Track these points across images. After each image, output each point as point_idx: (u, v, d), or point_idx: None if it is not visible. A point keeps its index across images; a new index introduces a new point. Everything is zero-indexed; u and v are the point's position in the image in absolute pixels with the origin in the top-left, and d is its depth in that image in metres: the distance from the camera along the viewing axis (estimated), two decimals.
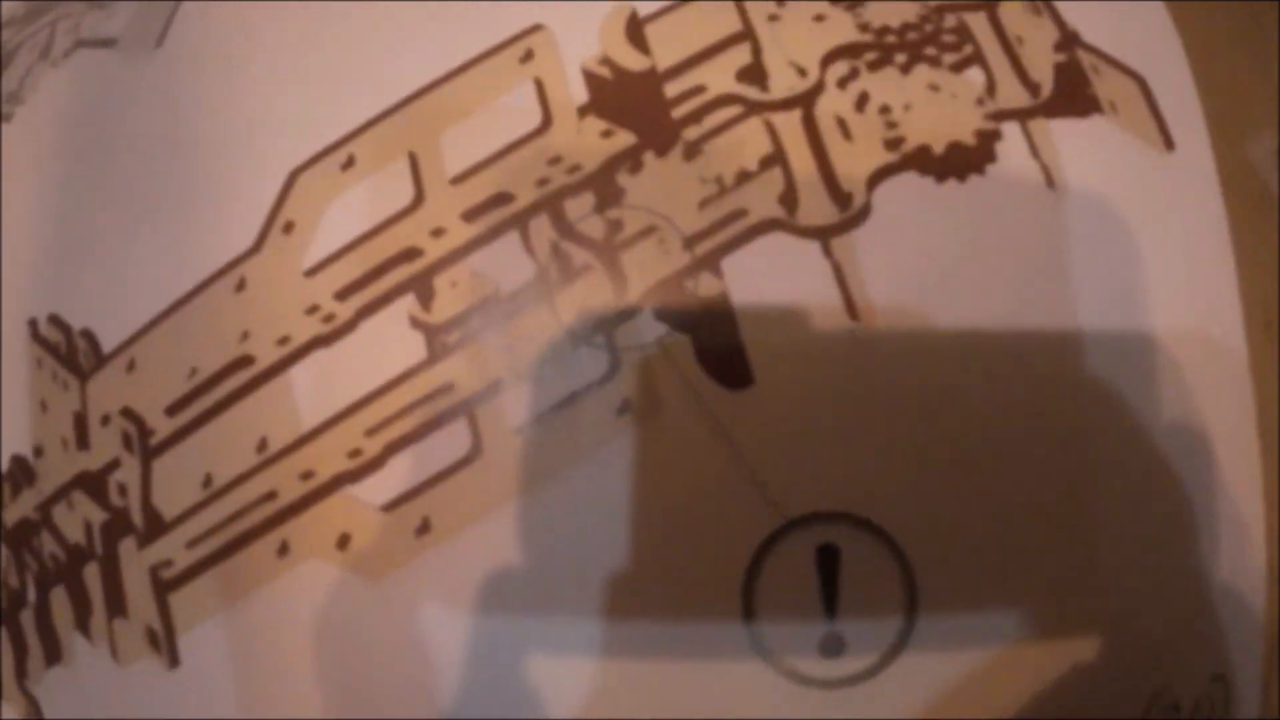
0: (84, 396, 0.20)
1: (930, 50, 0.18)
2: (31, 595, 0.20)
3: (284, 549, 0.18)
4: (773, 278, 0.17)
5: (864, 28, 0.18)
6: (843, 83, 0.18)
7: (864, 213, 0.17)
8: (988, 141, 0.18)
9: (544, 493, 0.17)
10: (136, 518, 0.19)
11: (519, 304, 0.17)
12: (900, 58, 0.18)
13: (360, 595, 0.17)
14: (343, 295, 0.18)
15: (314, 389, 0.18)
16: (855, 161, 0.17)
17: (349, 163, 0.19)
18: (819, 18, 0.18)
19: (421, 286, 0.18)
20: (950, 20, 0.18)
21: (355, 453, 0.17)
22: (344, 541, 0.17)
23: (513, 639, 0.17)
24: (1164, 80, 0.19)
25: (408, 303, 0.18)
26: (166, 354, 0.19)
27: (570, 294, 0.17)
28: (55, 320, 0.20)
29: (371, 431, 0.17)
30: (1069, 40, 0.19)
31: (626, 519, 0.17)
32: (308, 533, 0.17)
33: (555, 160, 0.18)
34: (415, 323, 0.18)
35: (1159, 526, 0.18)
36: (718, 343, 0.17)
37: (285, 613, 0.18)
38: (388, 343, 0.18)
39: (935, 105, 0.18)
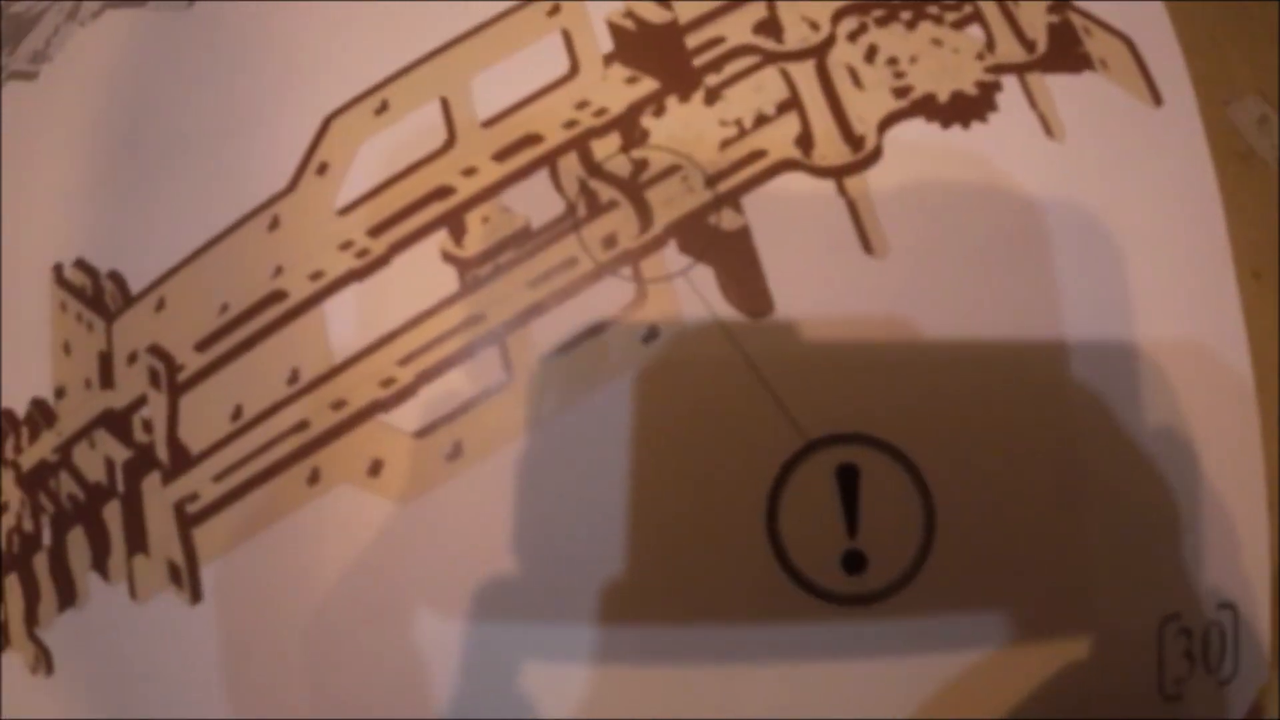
0: (110, 336, 0.21)
1: (933, 9, 0.20)
2: (47, 538, 0.21)
3: (314, 476, 0.19)
4: (791, 213, 0.19)
5: None
6: (852, 36, 0.20)
7: (876, 154, 0.19)
8: (988, 92, 0.20)
9: (572, 415, 0.18)
10: (161, 453, 0.20)
11: (548, 238, 0.19)
12: (905, 15, 0.20)
13: (390, 517, 0.18)
14: (376, 231, 0.20)
15: (347, 321, 0.19)
16: (866, 107, 0.19)
17: (382, 107, 0.20)
18: None
19: (453, 222, 0.19)
20: None
21: (388, 381, 0.19)
22: (376, 468, 0.19)
23: (543, 552, 0.18)
24: (1151, 42, 0.21)
25: (440, 238, 0.19)
26: (197, 291, 0.20)
27: (598, 228, 0.19)
28: (81, 264, 0.22)
29: (404, 360, 0.19)
30: (1061, 2, 0.21)
31: (652, 440, 0.18)
32: (339, 460, 0.19)
33: (582, 104, 0.20)
34: (447, 256, 0.19)
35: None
36: (739, 273, 0.18)
37: (312, 538, 0.19)
38: (421, 276, 0.19)
39: (939, 58, 0.20)
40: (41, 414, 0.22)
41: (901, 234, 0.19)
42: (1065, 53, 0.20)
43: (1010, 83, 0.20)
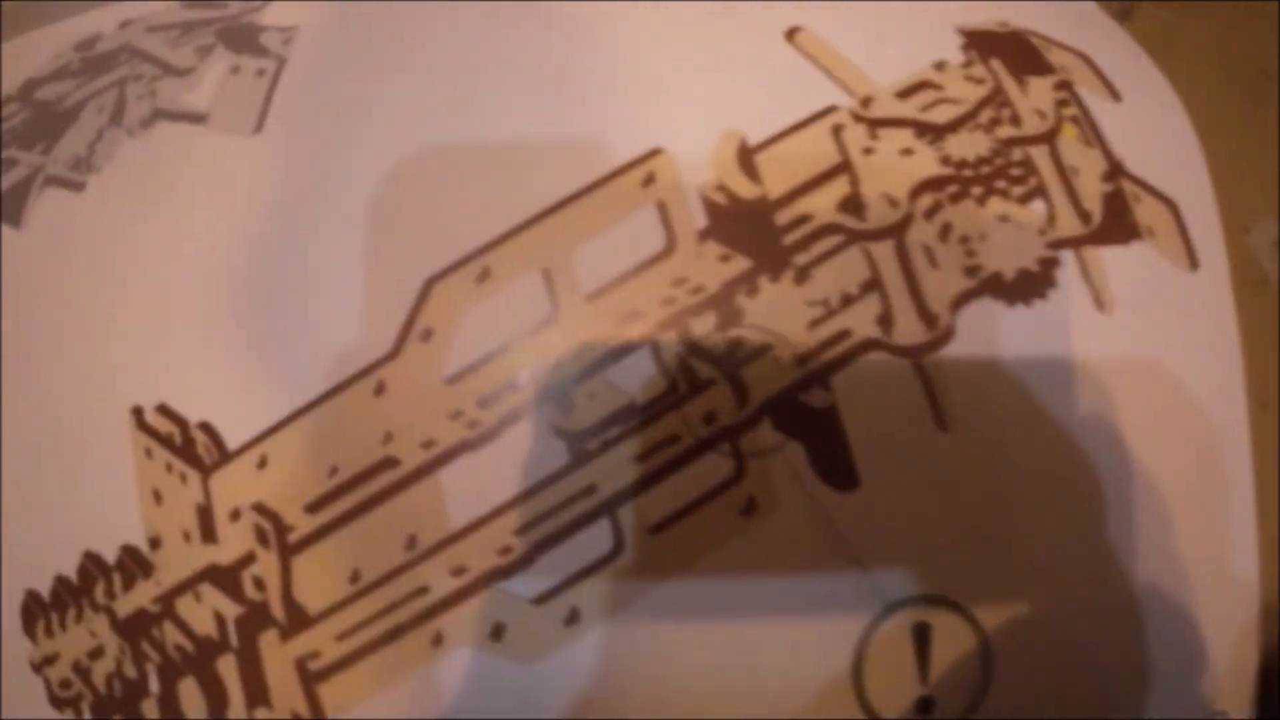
0: (207, 490, 0.23)
1: (1001, 184, 0.23)
2: (154, 686, 0.23)
3: (438, 639, 0.22)
4: (873, 391, 0.22)
5: (945, 160, 0.23)
6: (929, 214, 0.23)
7: (948, 333, 0.22)
8: (1049, 268, 0.23)
9: (678, 584, 0.21)
10: (277, 611, 0.22)
11: (652, 414, 0.22)
12: (976, 190, 0.23)
13: (512, 676, 0.21)
14: (485, 403, 0.22)
15: (463, 489, 0.22)
16: (941, 287, 0.22)
17: (484, 275, 0.22)
18: (907, 151, 0.23)
19: (562, 397, 0.22)
20: (1017, 154, 0.23)
21: (506, 550, 0.21)
22: (498, 632, 0.21)
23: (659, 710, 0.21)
24: (1192, 203, 0.24)
25: (550, 411, 0.22)
26: (302, 452, 0.22)
27: (698, 405, 0.22)
28: (165, 410, 0.23)
29: (521, 530, 0.22)
30: (1115, 170, 0.24)
31: (750, 604, 0.21)
32: (461, 624, 0.21)
33: (680, 282, 0.22)
34: (557, 430, 0.22)
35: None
36: (828, 449, 0.22)
37: (437, 694, 0.21)
38: (532, 448, 0.22)
39: (1006, 235, 0.23)
40: (135, 562, 0.24)
41: (970, 408, 0.22)
42: (1117, 223, 0.24)
43: (1068, 257, 0.23)
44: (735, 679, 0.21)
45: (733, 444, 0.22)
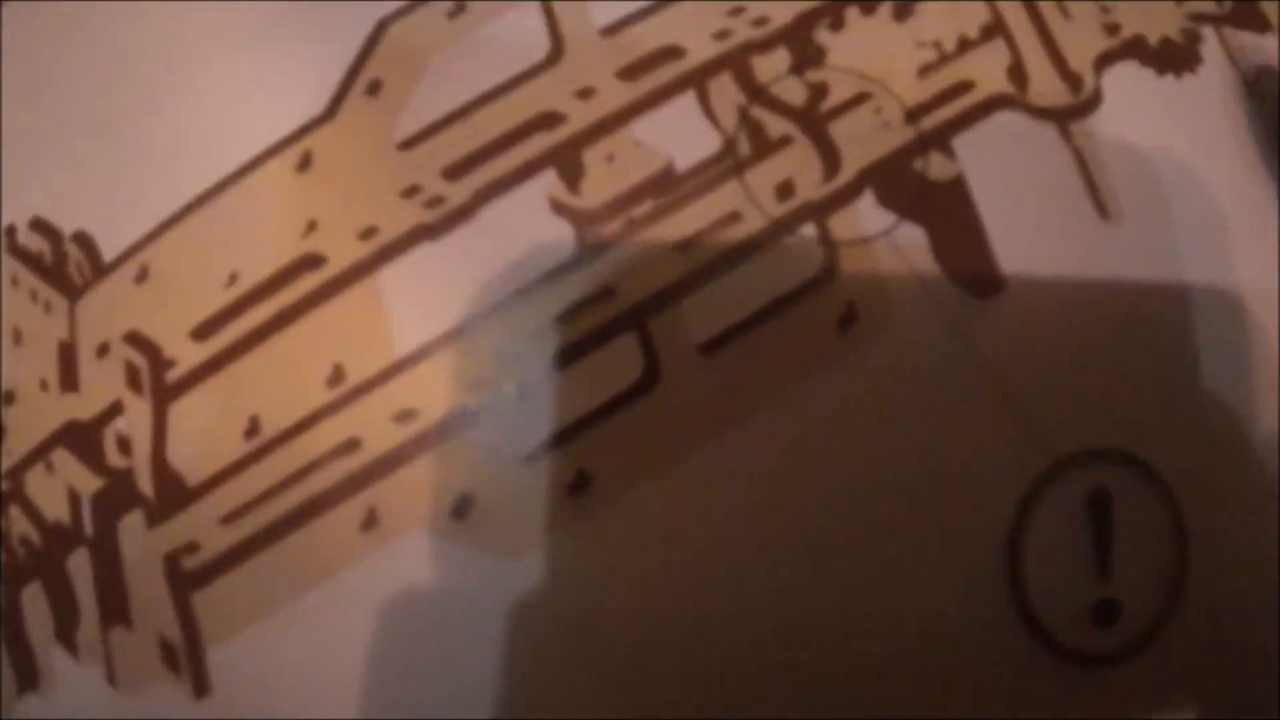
0: (73, 320, 0.11)
1: None
2: None
3: (371, 519, 0.09)
4: (1011, 163, 0.10)
5: None
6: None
7: (1096, 98, 0.11)
8: (1193, 42, 0.12)
9: (747, 430, 0.09)
10: (144, 483, 0.10)
11: (701, 183, 0.10)
12: None
13: (483, 578, 0.09)
14: (454, 173, 0.10)
15: (414, 297, 0.10)
16: (1080, 41, 0.11)
17: (458, 9, 0.11)
18: None
19: (567, 161, 0.10)
20: None
21: (478, 384, 0.09)
22: (463, 506, 0.09)
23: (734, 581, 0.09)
24: None
25: (547, 181, 0.10)
26: (194, 257, 0.10)
27: (768, 171, 0.10)
28: (39, 224, 0.11)
29: (502, 354, 0.09)
30: None
31: (855, 459, 0.09)
32: (407, 495, 0.09)
33: (736, 10, 0.10)
34: (559, 207, 0.10)
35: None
36: (958, 236, 0.10)
37: (370, 608, 0.09)
38: (520, 233, 0.10)
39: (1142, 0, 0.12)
40: None
41: (1133, 195, 0.11)
42: (1250, 10, 0.12)
43: (1209, 34, 0.12)
44: (825, 581, 0.09)
45: (820, 226, 0.10)
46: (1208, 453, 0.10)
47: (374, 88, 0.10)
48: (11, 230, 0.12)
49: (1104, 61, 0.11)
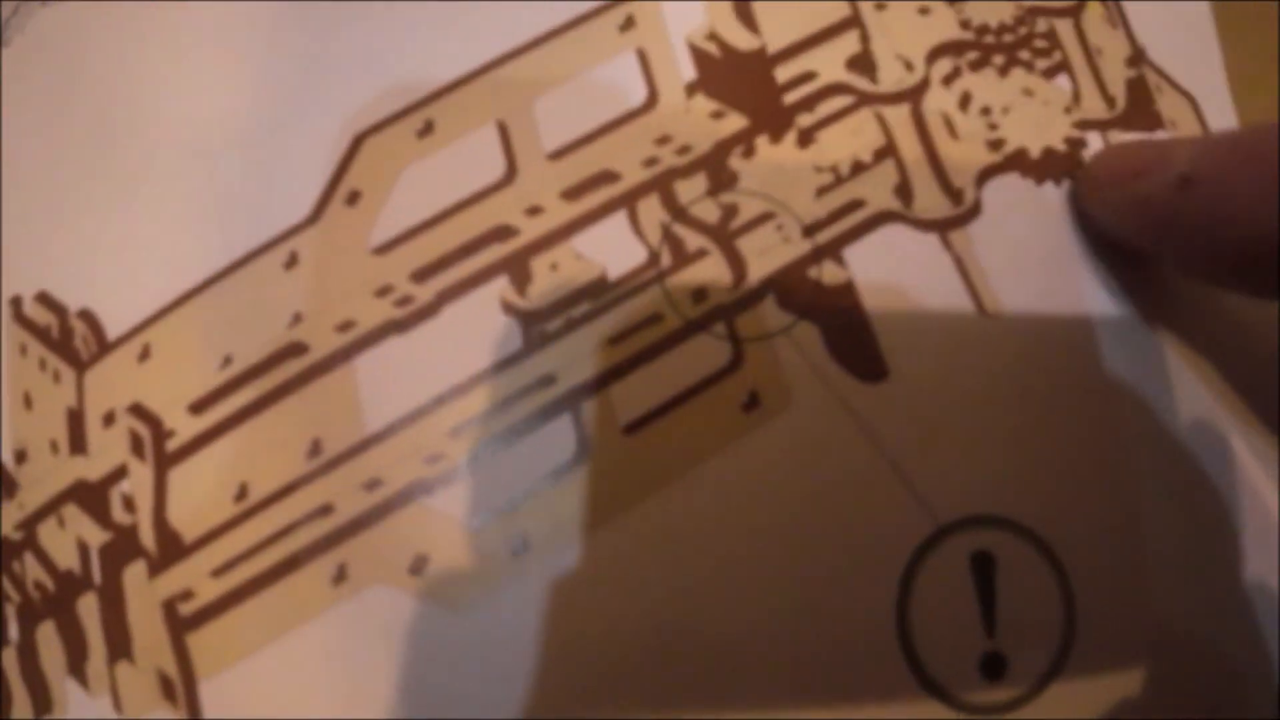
0: (81, 390, 0.12)
1: (1025, 54, 0.14)
2: (14, 633, 0.12)
3: (341, 574, 0.11)
4: (896, 269, 0.12)
5: (965, 25, 0.13)
6: (947, 80, 0.13)
7: (975, 209, 0.13)
8: (1075, 149, 0.13)
9: (667, 496, 0.11)
10: (147, 538, 0.11)
11: (629, 289, 0.11)
12: (998, 59, 0.14)
13: (439, 627, 0.11)
14: (421, 276, 0.12)
15: (384, 382, 0.11)
16: (963, 159, 0.13)
17: (427, 129, 0.12)
18: (923, 11, 0.13)
19: (516, 268, 0.11)
20: (1041, 25, 0.14)
21: (435, 458, 0.11)
22: (419, 565, 0.11)
23: (647, 650, 0.10)
24: (1211, 99, 0.15)
25: (500, 286, 0.11)
26: (192, 340, 0.12)
27: (686, 279, 0.12)
28: (45, 299, 0.13)
29: (456, 432, 0.11)
30: (1138, 56, 0.15)
31: (760, 523, 0.11)
32: (373, 554, 0.11)
33: (664, 140, 0.12)
34: (509, 308, 0.11)
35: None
36: (848, 332, 0.12)
37: (339, 650, 0.11)
38: (477, 330, 0.11)
39: (1031, 110, 0.13)
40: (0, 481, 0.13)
41: (1010, 291, 0.12)
42: (1142, 111, 0.14)
43: (1094, 139, 0.14)
44: (735, 629, 0.11)
45: (729, 325, 0.11)
46: (1089, 515, 0.12)
47: (353, 198, 0.12)
48: (17, 300, 0.13)
49: (986, 175, 0.13)
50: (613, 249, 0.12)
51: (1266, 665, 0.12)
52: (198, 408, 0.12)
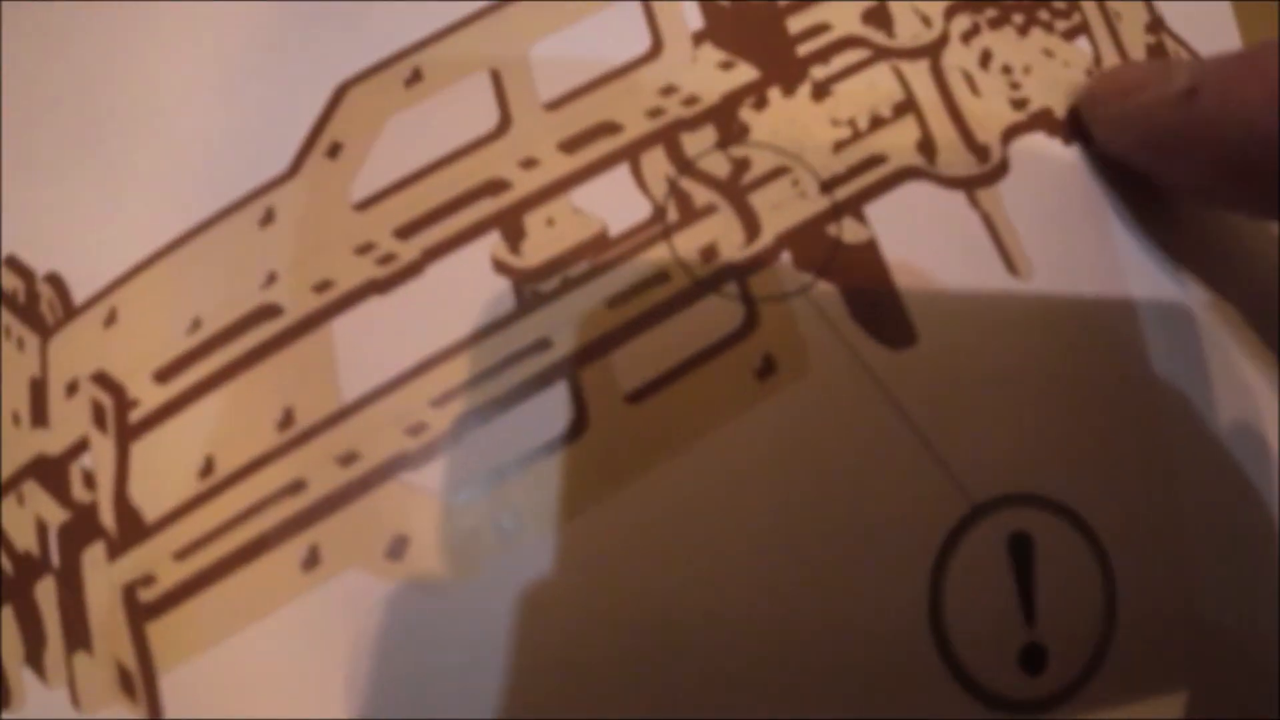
0: (45, 358, 0.11)
1: (1044, 15, 0.12)
2: None
3: (313, 558, 0.09)
4: (921, 227, 0.10)
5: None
6: (966, 38, 0.12)
7: (1003, 167, 0.11)
8: None
9: (671, 470, 0.09)
10: (106, 517, 0.10)
11: (632, 247, 0.10)
12: (1018, 19, 0.12)
13: (418, 614, 0.09)
14: (405, 232, 0.10)
15: (362, 347, 0.09)
16: (987, 116, 0.11)
17: (414, 77, 0.10)
18: None
19: (510, 224, 0.10)
20: None
21: (416, 428, 0.09)
22: (398, 547, 0.09)
23: (653, 638, 0.09)
24: None
25: (491, 242, 0.10)
26: (160, 303, 0.10)
27: (694, 236, 0.10)
28: (13, 263, 0.11)
29: (440, 400, 0.09)
30: (1157, 24, 0.13)
31: (775, 499, 0.09)
32: (347, 535, 0.09)
33: (669, 90, 0.11)
34: (501, 266, 0.10)
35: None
36: (872, 293, 0.10)
37: (309, 642, 0.09)
38: (465, 290, 0.09)
39: (1051, 70, 0.12)
40: None
41: (1041, 253, 0.11)
42: None
43: None
44: (742, 619, 0.09)
45: (741, 285, 0.10)
46: (1129, 495, 0.10)
47: (334, 150, 0.10)
48: None
49: (1011, 134, 0.11)
50: (614, 204, 0.10)
51: None
52: (163, 376, 0.10)
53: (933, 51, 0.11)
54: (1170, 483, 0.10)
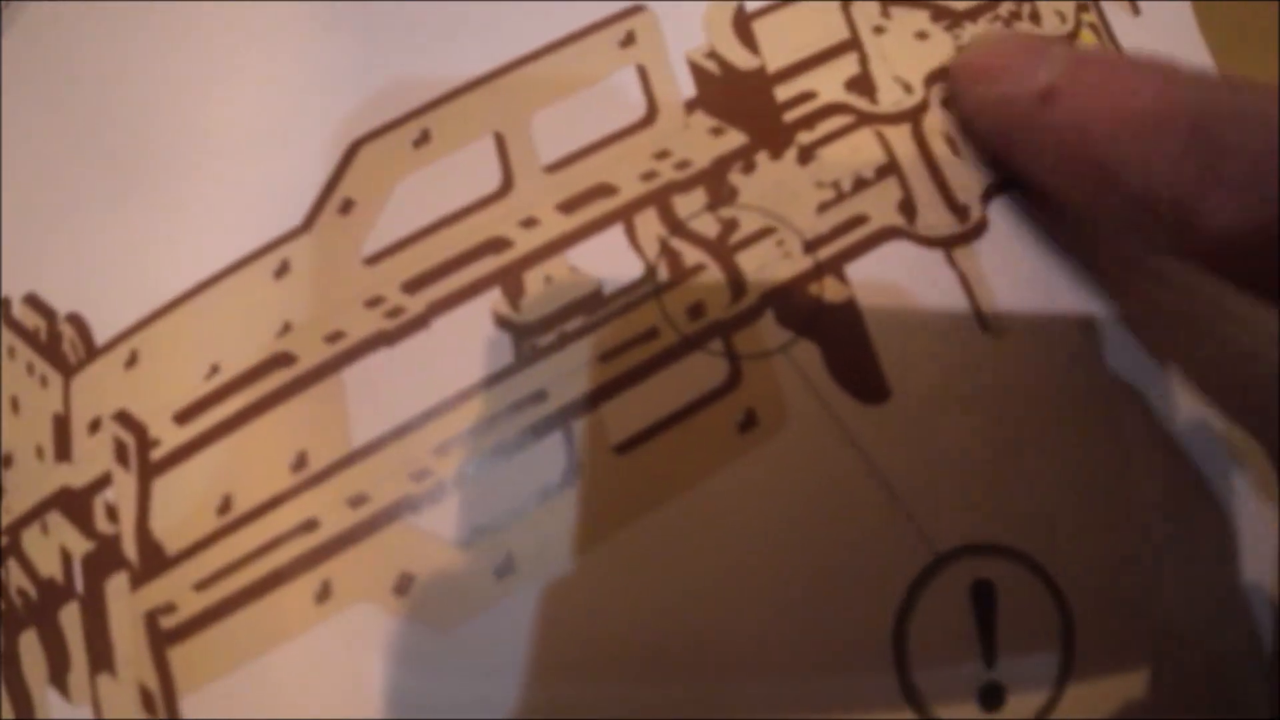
0: (67, 395, 0.11)
1: None
2: None
3: (325, 592, 0.10)
4: (900, 286, 0.11)
5: (962, 50, 0.13)
6: (945, 103, 0.13)
7: (981, 226, 0.12)
8: None
9: (658, 519, 0.10)
10: (129, 549, 0.11)
11: (624, 304, 0.11)
12: None
13: (422, 647, 0.10)
14: (413, 287, 0.11)
15: (372, 395, 0.10)
16: (967, 177, 0.12)
17: (423, 138, 0.11)
18: (921, 35, 0.13)
19: (510, 280, 0.11)
20: None
21: (421, 474, 0.10)
22: (404, 584, 0.10)
23: (627, 677, 0.10)
24: None
25: (493, 298, 0.11)
26: (180, 347, 0.11)
27: (682, 295, 0.11)
28: (34, 301, 0.12)
29: (442, 449, 0.10)
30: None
31: (755, 545, 0.10)
32: (357, 571, 0.10)
33: (662, 154, 0.11)
34: (502, 321, 0.10)
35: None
36: (849, 351, 0.11)
37: (320, 669, 0.10)
38: (468, 342, 0.10)
39: None
40: None
41: (1016, 311, 0.12)
42: None
43: None
44: (725, 655, 0.10)
45: (726, 342, 0.11)
46: (1089, 542, 0.11)
47: (346, 206, 0.11)
48: (6, 302, 0.12)
49: (990, 193, 0.12)
50: (609, 263, 0.11)
51: (1264, 668, 0.11)
52: (183, 417, 0.11)
53: (914, 116, 0.12)
54: (1134, 527, 0.11)
